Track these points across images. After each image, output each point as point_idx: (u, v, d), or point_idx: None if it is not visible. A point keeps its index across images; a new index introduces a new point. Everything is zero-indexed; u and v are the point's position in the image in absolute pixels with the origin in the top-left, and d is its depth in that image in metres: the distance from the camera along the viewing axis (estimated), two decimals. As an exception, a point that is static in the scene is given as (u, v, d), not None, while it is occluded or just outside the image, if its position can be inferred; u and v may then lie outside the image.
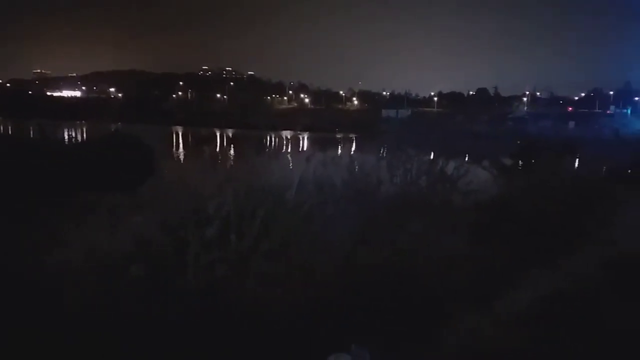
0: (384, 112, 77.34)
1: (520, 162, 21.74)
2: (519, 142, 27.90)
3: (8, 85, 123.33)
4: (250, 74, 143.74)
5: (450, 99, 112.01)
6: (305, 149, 42.31)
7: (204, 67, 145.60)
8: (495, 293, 8.34)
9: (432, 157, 14.29)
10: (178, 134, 51.18)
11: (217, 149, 38.38)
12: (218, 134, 52.80)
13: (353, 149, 37.01)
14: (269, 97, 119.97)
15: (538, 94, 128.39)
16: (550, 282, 8.83)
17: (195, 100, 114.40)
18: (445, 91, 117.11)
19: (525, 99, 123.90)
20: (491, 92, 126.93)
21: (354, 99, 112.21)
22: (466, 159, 16.59)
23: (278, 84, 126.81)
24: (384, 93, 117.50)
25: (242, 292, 7.17)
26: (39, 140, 22.83)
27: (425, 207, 11.12)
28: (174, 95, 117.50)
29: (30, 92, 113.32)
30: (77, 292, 6.55)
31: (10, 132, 35.27)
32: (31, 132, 37.76)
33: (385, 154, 14.50)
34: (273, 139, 50.70)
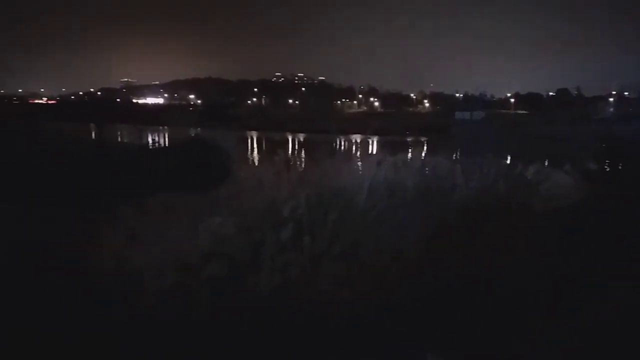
0: (457, 115, 74.84)
1: (606, 167, 20.31)
2: (604, 145, 26.07)
3: (99, 93, 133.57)
4: (321, 79, 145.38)
5: (528, 100, 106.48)
6: (375, 152, 42.12)
7: (276, 74, 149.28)
8: (574, 304, 7.85)
9: (509, 160, 13.71)
10: (252, 139, 52.76)
11: (289, 153, 39.17)
12: (290, 139, 53.83)
13: (424, 152, 36.33)
14: (339, 102, 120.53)
15: (626, 93, 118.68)
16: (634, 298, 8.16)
17: (268, 105, 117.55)
18: (522, 92, 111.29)
19: (611, 99, 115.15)
20: (573, 92, 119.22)
21: (425, 101, 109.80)
22: (546, 163, 15.76)
23: (348, 88, 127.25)
24: (457, 95, 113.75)
25: (314, 293, 7.26)
26: (125, 144, 24.63)
27: (503, 213, 10.69)
28: (248, 102, 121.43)
29: (118, 100, 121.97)
30: (157, 290, 6.86)
31: (100, 137, 38.04)
32: (118, 137, 40.77)
33: (459, 157, 14.10)
34: (343, 142, 50.90)
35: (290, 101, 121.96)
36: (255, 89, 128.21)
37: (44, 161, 15.51)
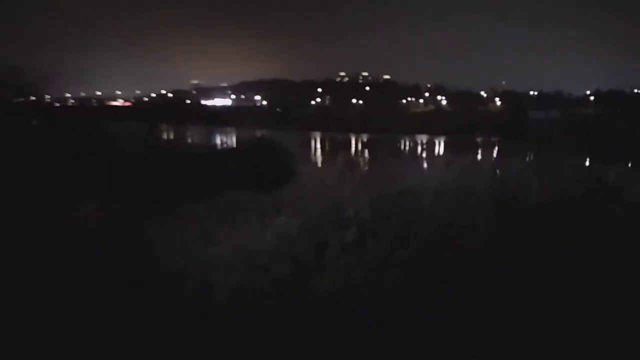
0: (532, 114, 71.01)
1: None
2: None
3: (170, 95, 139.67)
4: (387, 78, 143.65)
5: (610, 98, 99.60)
6: (442, 153, 41.01)
7: (341, 74, 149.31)
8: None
9: (588, 163, 12.83)
10: (315, 139, 53.08)
11: (353, 154, 39.08)
12: (353, 139, 53.64)
13: (495, 153, 34.92)
14: (404, 101, 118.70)
15: None
16: None
17: (332, 105, 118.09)
18: (603, 89, 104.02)
19: None
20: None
21: (497, 99, 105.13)
22: (629, 165, 14.61)
23: (414, 86, 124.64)
24: (531, 93, 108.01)
25: (378, 296, 7.11)
26: (194, 145, 25.64)
27: (581, 219, 10.00)
28: (312, 102, 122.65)
29: (188, 101, 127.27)
30: (227, 287, 6.98)
31: (171, 137, 39.81)
32: (188, 138, 42.53)
33: (534, 159, 13.37)
34: (408, 143, 49.99)
35: (354, 101, 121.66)
36: (320, 89, 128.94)
37: (120, 160, 16.48)
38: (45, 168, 14.16)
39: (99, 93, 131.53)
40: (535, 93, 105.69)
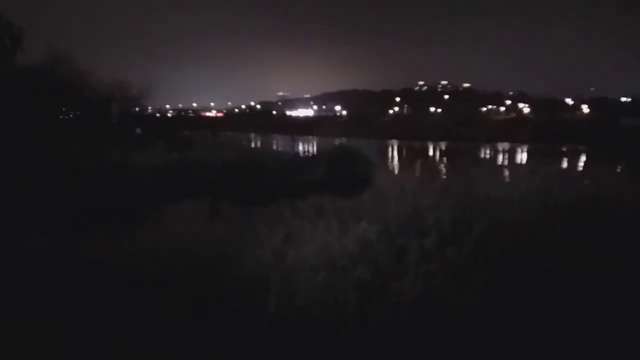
0: (624, 121, 65.55)
1: None
2: None
3: (258, 106, 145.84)
4: (466, 86, 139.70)
5: None
6: (524, 162, 39.30)
7: (419, 83, 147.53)
8: None
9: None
10: (393, 147, 52.90)
11: (431, 162, 38.58)
12: (432, 147, 52.81)
13: (582, 162, 32.98)
14: (484, 108, 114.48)
15: None
16: None
17: (410, 114, 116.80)
18: None
19: None
20: None
21: (584, 106, 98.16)
22: None
23: (495, 94, 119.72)
24: (623, 99, 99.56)
25: (457, 303, 7.19)
26: (279, 153, 26.78)
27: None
28: (390, 111, 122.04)
29: (274, 112, 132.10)
30: (309, 288, 7.37)
31: (259, 145, 41.54)
32: (274, 145, 44.24)
33: (626, 169, 12.69)
34: (489, 151, 48.39)
35: (433, 109, 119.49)
36: (398, 99, 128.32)
37: (214, 166, 17.74)
38: (153, 172, 15.64)
39: (195, 104, 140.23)
40: (629, 99, 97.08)
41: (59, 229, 12.23)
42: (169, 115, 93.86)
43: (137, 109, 35.88)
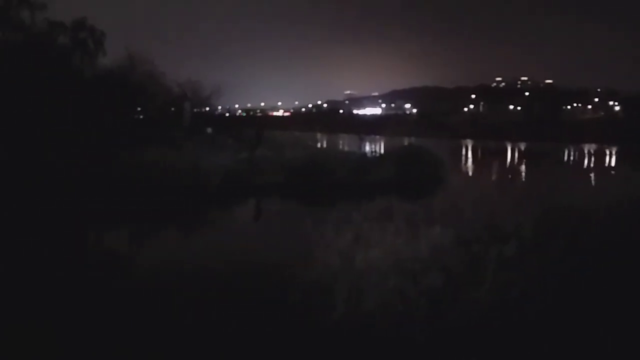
0: None
1: None
2: None
3: (325, 105, 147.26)
4: (548, 82, 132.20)
5: None
6: (612, 165, 36.26)
7: (497, 79, 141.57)
8: None
9: None
10: (467, 147, 51.01)
11: (509, 164, 36.69)
12: (509, 148, 50.32)
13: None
14: (568, 107, 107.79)
15: None
16: None
17: (486, 112, 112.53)
18: None
19: None
20: None
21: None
22: None
23: (581, 91, 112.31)
24: None
25: (537, 315, 6.58)
26: (345, 152, 26.55)
27: None
28: (465, 109, 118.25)
29: (341, 111, 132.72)
30: (377, 293, 7.05)
31: (325, 145, 41.69)
32: (340, 145, 44.14)
33: None
34: (573, 153, 45.28)
35: (511, 107, 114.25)
36: (473, 95, 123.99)
37: (282, 165, 17.84)
38: (222, 171, 16.03)
39: (262, 104, 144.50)
40: None
41: (139, 226, 12.68)
42: (238, 115, 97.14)
43: (207, 108, 37.19)
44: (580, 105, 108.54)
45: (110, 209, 13.44)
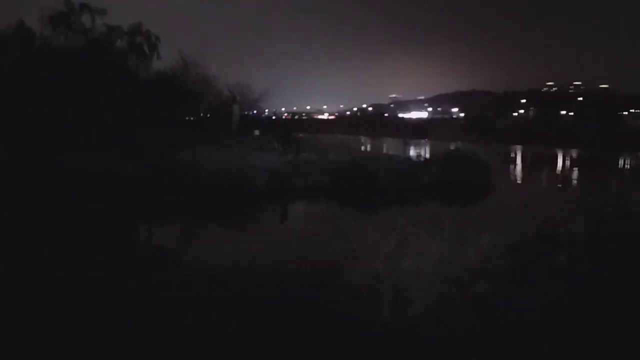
0: None
1: None
2: None
3: (370, 108, 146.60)
4: (603, 87, 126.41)
5: None
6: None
7: (548, 83, 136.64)
8: None
9: None
10: (515, 153, 49.52)
11: (559, 171, 35.36)
12: (560, 155, 48.48)
13: None
14: (625, 112, 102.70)
15: None
16: None
17: (536, 118, 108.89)
18: None
19: None
20: None
21: None
22: None
23: (639, 96, 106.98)
24: None
25: (590, 326, 6.41)
26: (389, 156, 26.43)
27: None
28: (514, 114, 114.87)
29: (386, 114, 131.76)
30: (422, 300, 7.02)
31: (369, 148, 41.52)
32: (385, 149, 43.96)
33: None
34: (629, 162, 43.11)
35: (563, 112, 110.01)
36: (523, 100, 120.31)
37: (326, 167, 18.04)
38: (268, 173, 16.39)
39: (308, 107, 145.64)
40: None
41: (191, 224, 13.15)
42: (284, 117, 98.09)
43: (255, 111, 38.00)
44: (638, 111, 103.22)
45: (169, 208, 14.04)
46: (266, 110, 46.26)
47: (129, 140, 18.45)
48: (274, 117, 59.23)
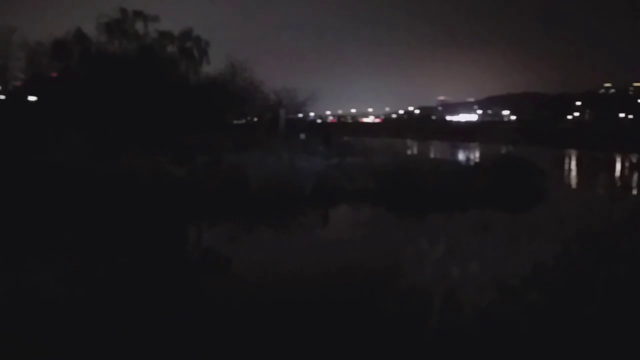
0: None
1: None
2: None
3: (417, 111, 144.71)
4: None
5: None
6: None
7: (605, 85, 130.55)
8: None
9: None
10: (571, 158, 47.36)
11: (618, 176, 33.45)
12: (618, 159, 45.93)
13: None
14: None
15: None
16: None
17: (592, 120, 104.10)
18: None
19: None
20: None
21: None
22: None
23: None
24: None
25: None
26: (437, 160, 25.91)
27: None
28: (569, 117, 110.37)
29: (433, 117, 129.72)
30: (474, 307, 6.75)
31: (416, 152, 40.90)
32: (432, 152, 43.15)
33: None
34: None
35: (622, 115, 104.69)
36: (578, 103, 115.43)
37: (371, 170, 17.84)
38: (314, 177, 16.41)
39: (353, 110, 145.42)
40: None
41: (241, 228, 13.34)
42: (329, 121, 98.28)
43: (300, 115, 38.19)
44: None
45: (218, 211, 14.30)
46: (311, 114, 46.44)
47: (179, 144, 18.87)
48: (319, 121, 59.35)
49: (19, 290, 7.06)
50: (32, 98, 33.14)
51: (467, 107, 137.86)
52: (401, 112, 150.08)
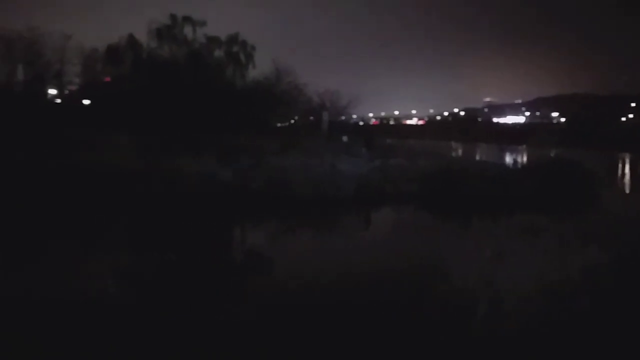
0: None
1: None
2: None
3: (462, 113, 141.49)
4: None
5: None
6: None
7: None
8: None
9: None
10: (624, 162, 45.15)
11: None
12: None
13: None
14: None
15: None
16: None
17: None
18: None
19: None
20: None
21: None
22: None
23: None
24: None
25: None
26: (483, 163, 25.42)
27: None
28: (623, 119, 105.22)
29: (479, 119, 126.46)
30: (519, 314, 6.67)
31: (461, 155, 40.22)
32: (478, 155, 42.20)
33: None
34: None
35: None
36: (633, 104, 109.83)
37: (414, 173, 17.74)
38: (356, 179, 16.51)
39: (396, 112, 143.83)
40: None
41: (284, 229, 13.60)
42: (372, 123, 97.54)
43: (343, 117, 38.35)
44: None
45: (262, 212, 14.63)
46: (354, 116, 46.51)
47: (225, 146, 19.34)
48: (361, 123, 59.20)
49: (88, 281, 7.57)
50: (86, 102, 34.91)
51: (515, 109, 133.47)
52: (446, 113, 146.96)
